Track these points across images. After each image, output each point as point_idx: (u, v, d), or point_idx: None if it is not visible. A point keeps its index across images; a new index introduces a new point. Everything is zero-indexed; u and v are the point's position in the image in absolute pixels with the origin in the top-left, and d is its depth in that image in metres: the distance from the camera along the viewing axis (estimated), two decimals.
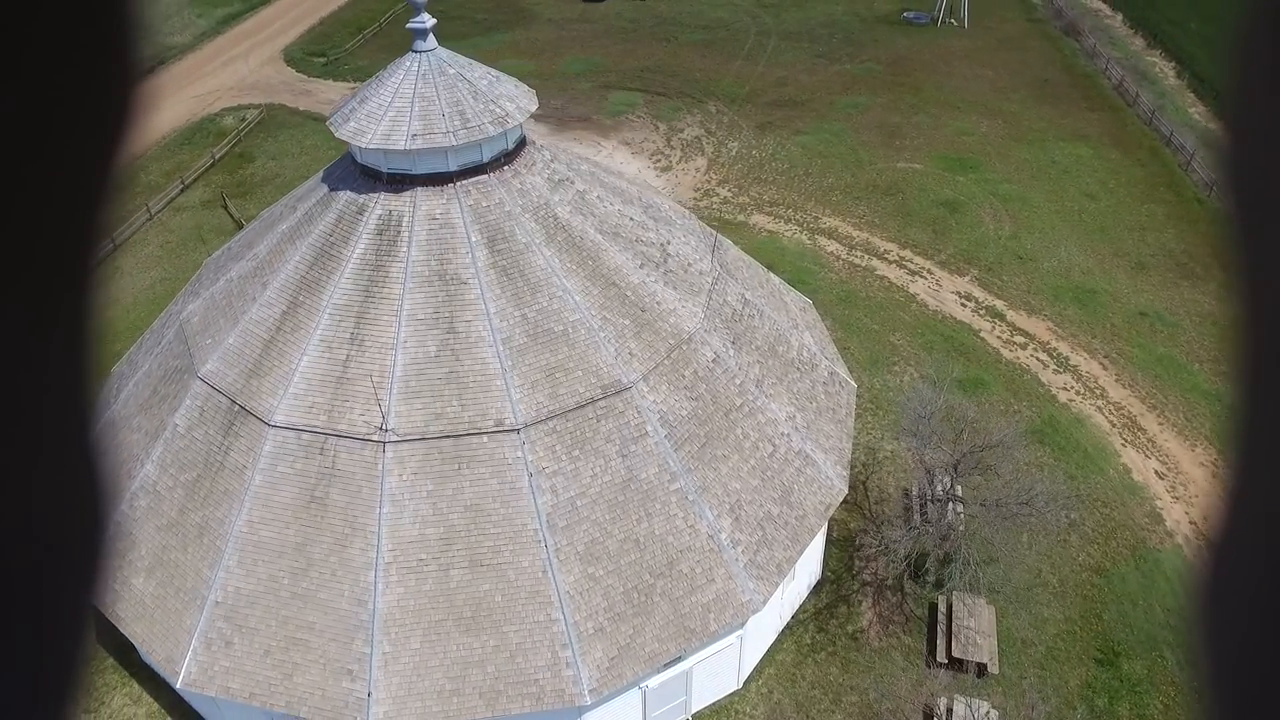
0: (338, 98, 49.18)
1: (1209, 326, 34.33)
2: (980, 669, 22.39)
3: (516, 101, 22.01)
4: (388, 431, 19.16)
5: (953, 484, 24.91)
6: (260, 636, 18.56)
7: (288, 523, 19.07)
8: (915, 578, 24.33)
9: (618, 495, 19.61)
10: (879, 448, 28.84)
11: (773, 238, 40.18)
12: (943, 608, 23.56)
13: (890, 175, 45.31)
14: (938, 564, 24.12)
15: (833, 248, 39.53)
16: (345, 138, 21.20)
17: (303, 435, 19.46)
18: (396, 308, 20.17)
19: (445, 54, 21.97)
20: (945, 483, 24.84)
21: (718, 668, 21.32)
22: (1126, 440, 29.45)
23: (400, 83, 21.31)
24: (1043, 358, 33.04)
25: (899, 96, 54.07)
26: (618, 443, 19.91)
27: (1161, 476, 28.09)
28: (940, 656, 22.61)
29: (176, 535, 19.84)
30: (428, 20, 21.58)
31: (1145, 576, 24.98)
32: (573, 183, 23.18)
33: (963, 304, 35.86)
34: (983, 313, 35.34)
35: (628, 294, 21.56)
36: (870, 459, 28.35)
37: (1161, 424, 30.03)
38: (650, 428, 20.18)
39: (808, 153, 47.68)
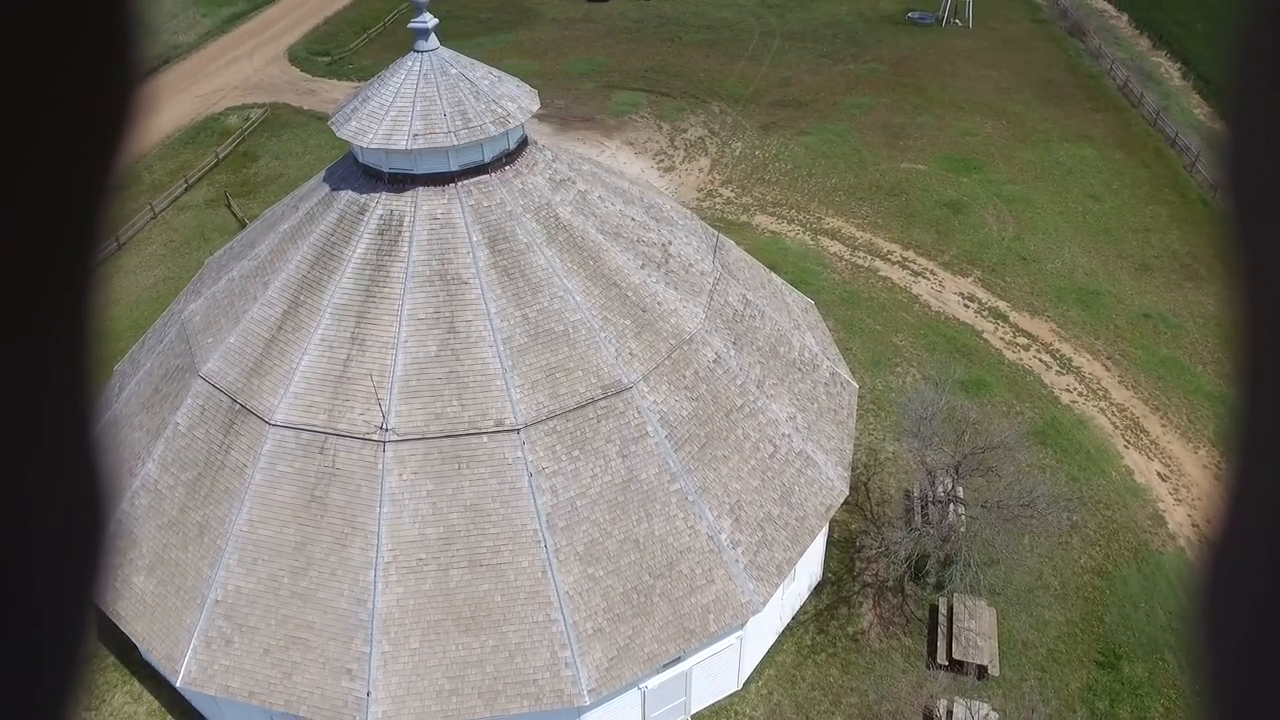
0: (342, 97, 49.21)
1: (1212, 328, 34.23)
2: (981, 671, 22.34)
3: (518, 101, 22.04)
4: (388, 431, 19.18)
5: (954, 485, 24.87)
6: (260, 635, 18.60)
7: (288, 522, 19.11)
8: (916, 579, 24.29)
9: (618, 495, 19.60)
10: (880, 449, 28.80)
11: (776, 238, 40.15)
12: (943, 609, 23.52)
13: (894, 176, 45.25)
14: (939, 565, 24.08)
15: (836, 248, 39.50)
16: (347, 137, 21.24)
17: (303, 434, 19.49)
18: (397, 307, 20.20)
19: (447, 54, 22.00)
20: (947, 484, 24.81)
21: (717, 668, 21.31)
22: (1129, 442, 29.37)
23: (402, 82, 21.34)
24: (1045, 359, 32.97)
25: (903, 97, 53.99)
26: (618, 443, 19.91)
27: (1164, 479, 28.01)
28: (941, 658, 22.58)
29: (177, 534, 19.90)
30: (429, 20, 21.61)
31: (1147, 579, 24.91)
32: (574, 183, 23.18)
33: (965, 305, 35.80)
34: (985, 314, 35.28)
35: (629, 294, 21.56)
36: (872, 460, 28.31)
37: (1164, 426, 29.94)
38: (650, 428, 20.18)
39: (811, 153, 47.63)
